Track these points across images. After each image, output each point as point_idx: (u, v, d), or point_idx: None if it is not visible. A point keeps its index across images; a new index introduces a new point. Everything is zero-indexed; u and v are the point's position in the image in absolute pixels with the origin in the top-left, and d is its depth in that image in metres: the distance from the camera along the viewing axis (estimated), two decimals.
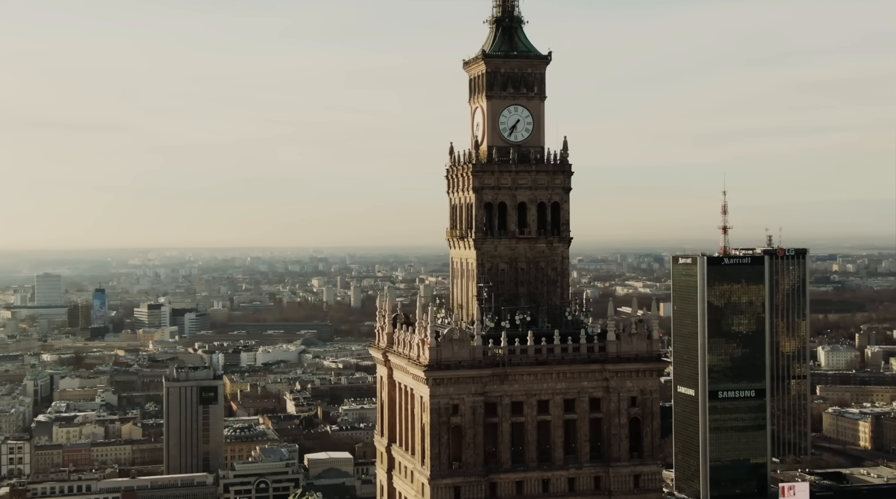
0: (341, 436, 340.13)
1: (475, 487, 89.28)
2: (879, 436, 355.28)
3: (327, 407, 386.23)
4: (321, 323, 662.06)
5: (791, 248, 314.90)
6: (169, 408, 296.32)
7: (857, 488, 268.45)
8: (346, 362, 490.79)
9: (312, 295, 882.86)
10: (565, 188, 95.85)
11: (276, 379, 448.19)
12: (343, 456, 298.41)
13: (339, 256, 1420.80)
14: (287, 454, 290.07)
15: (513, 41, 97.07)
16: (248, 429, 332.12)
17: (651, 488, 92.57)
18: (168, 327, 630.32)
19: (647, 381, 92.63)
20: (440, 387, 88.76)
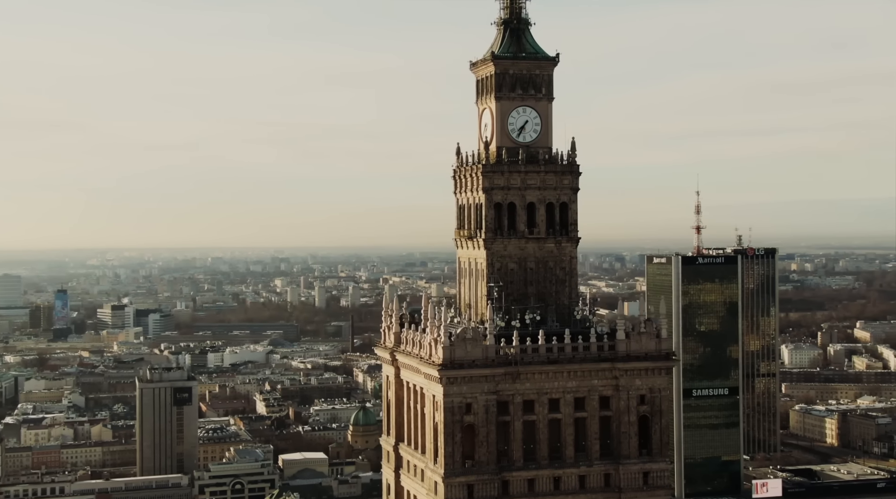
0: (314, 436, 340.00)
1: (488, 485, 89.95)
2: (846, 433, 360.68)
3: (298, 408, 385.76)
4: (287, 324, 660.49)
5: (761, 247, 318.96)
6: (143, 409, 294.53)
7: (828, 485, 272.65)
8: (314, 363, 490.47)
9: (276, 295, 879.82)
10: (573, 188, 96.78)
11: (244, 380, 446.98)
12: (317, 456, 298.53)
13: (300, 257, 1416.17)
14: (262, 455, 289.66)
15: (521, 43, 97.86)
16: (221, 430, 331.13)
17: (660, 484, 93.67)
18: (132, 328, 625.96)
19: (657, 379, 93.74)
20: (453, 386, 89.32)
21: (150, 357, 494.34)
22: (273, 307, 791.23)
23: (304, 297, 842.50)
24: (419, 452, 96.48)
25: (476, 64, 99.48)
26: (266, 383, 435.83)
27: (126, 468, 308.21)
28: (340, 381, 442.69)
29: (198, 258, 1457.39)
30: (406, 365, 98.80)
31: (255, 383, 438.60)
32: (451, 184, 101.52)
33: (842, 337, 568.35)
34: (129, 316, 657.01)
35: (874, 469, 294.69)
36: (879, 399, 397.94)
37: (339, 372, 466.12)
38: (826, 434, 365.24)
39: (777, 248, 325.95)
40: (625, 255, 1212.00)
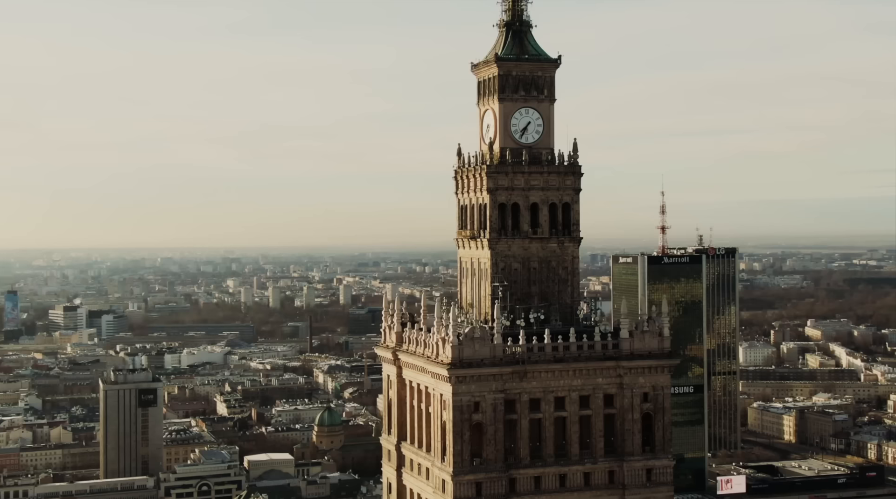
0: (278, 437, 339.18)
1: (496, 482, 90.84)
2: (803, 429, 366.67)
3: (260, 409, 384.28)
4: (243, 324, 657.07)
5: (721, 247, 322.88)
6: (107, 411, 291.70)
7: (790, 481, 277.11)
8: (273, 364, 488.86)
9: (229, 296, 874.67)
10: (575, 189, 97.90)
11: (203, 381, 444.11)
12: (284, 457, 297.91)
13: (251, 257, 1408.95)
14: (228, 456, 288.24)
15: (523, 45, 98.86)
16: (185, 431, 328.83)
17: (663, 481, 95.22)
18: (85, 330, 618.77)
19: (659, 377, 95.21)
20: (462, 385, 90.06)
21: (106, 359, 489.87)
22: (227, 308, 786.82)
23: (258, 297, 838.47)
24: (424, 450, 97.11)
25: (478, 65, 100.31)
26: (226, 384, 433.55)
27: (88, 471, 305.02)
28: (301, 382, 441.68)
29: (147, 259, 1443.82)
30: (409, 364, 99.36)
31: (215, 384, 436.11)
32: (453, 184, 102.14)
33: (794, 335, 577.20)
34: (82, 317, 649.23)
35: (834, 465, 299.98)
36: (834, 396, 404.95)
37: (298, 373, 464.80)
38: (784, 431, 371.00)
39: (737, 247, 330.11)
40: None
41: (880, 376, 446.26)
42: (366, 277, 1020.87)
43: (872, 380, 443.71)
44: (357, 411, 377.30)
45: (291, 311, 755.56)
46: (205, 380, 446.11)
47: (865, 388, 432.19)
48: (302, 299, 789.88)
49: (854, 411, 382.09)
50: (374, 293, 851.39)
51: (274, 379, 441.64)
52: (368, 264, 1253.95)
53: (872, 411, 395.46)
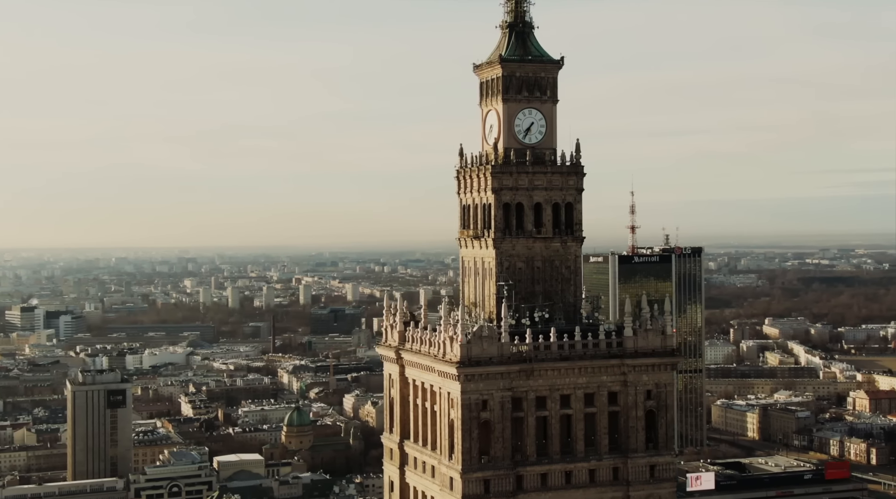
0: (246, 438, 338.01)
1: (503, 480, 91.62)
2: (766, 426, 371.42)
3: (226, 409, 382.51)
4: (203, 325, 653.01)
5: (687, 246, 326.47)
6: (75, 412, 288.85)
7: (758, 477, 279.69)
8: (236, 364, 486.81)
9: (187, 296, 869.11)
10: (578, 189, 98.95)
11: (166, 382, 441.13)
12: (253, 458, 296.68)
13: (207, 257, 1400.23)
14: (198, 457, 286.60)
15: (526, 46, 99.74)
16: (152, 432, 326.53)
17: (666, 477, 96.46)
18: (43, 330, 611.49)
19: (662, 374, 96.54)
20: (471, 383, 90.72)
21: (66, 360, 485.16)
22: (186, 308, 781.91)
23: (217, 297, 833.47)
24: (429, 448, 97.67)
25: (480, 66, 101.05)
26: (190, 384, 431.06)
27: (55, 473, 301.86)
28: (266, 382, 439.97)
29: (101, 259, 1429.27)
30: (414, 363, 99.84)
31: (179, 385, 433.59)
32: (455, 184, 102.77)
33: (752, 334, 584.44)
34: (40, 318, 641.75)
35: (800, 461, 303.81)
36: (795, 393, 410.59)
37: (262, 373, 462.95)
38: (748, 428, 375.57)
39: (703, 247, 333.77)
40: None
41: (839, 373, 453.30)
42: (325, 276, 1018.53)
43: (831, 377, 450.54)
44: (324, 411, 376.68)
45: (251, 311, 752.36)
46: (168, 381, 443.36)
47: (825, 385, 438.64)
48: (261, 299, 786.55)
49: (815, 408, 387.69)
50: (333, 293, 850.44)
51: (238, 379, 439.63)
52: (326, 264, 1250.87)
53: (833, 407, 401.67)
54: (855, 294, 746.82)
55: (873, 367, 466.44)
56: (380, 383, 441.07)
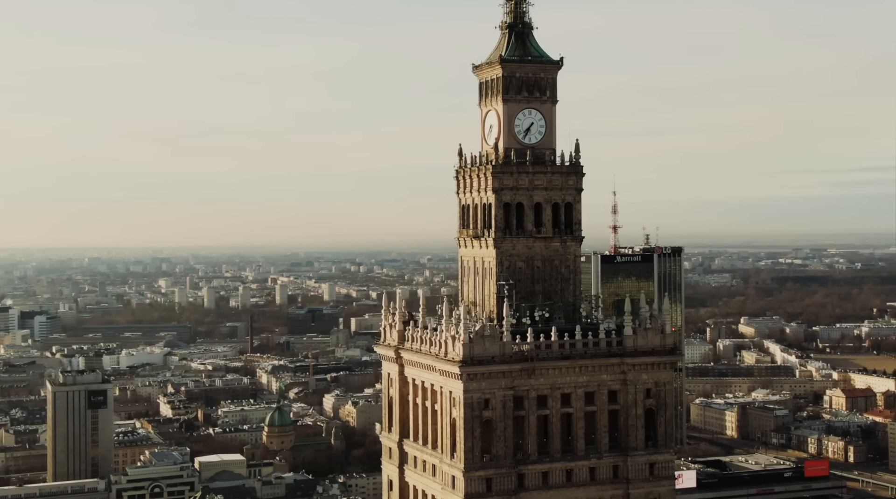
0: (227, 438, 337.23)
1: (505, 478, 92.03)
2: (745, 425, 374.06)
3: (206, 409, 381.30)
4: (179, 325, 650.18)
5: (668, 246, 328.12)
6: (55, 413, 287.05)
7: (739, 475, 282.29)
8: (214, 364, 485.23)
9: (162, 296, 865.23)
10: (577, 189, 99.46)
11: (144, 382, 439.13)
12: (235, 458, 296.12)
13: (181, 257, 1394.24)
14: (180, 458, 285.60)
15: (526, 46, 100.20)
16: (132, 433, 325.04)
17: (665, 475, 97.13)
18: (18, 331, 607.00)
19: (662, 373, 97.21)
20: (473, 382, 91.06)
21: (43, 360, 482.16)
22: (161, 308, 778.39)
23: (192, 297, 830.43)
24: (430, 447, 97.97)
25: (480, 67, 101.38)
26: (168, 385, 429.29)
27: (34, 474, 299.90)
28: (246, 382, 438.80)
29: (73, 259, 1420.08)
30: (414, 362, 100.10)
31: (157, 385, 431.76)
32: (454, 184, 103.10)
33: (728, 333, 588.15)
34: (14, 318, 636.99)
35: (779, 459, 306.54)
36: (773, 392, 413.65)
37: (241, 373, 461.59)
38: (726, 426, 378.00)
39: (683, 247, 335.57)
40: None
41: (815, 371, 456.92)
42: (300, 276, 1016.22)
43: (807, 376, 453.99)
44: (304, 411, 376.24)
45: (227, 311, 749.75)
46: (146, 381, 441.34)
47: (801, 384, 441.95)
48: (237, 299, 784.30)
49: (793, 406, 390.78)
50: (310, 293, 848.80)
51: (217, 380, 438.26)
52: (302, 264, 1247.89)
53: (810, 406, 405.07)
54: (828, 294, 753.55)
55: (849, 365, 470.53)
56: (359, 383, 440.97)
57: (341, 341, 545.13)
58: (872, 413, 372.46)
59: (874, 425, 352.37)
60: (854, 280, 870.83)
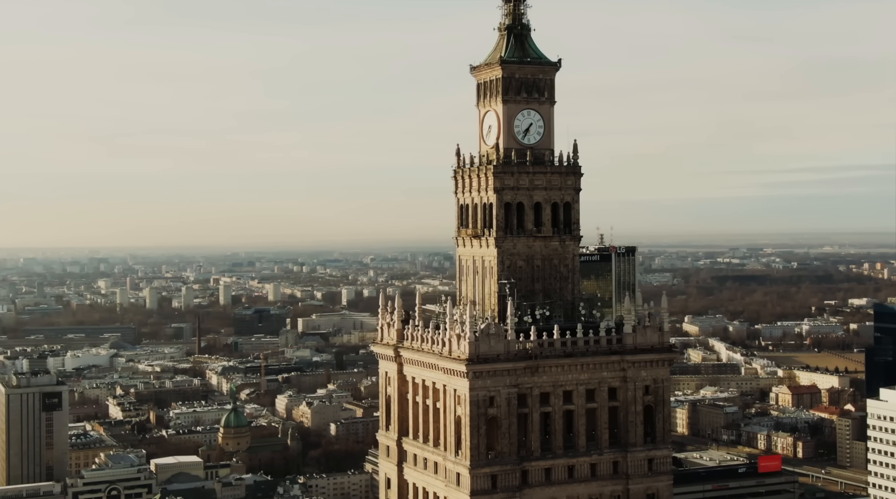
0: (181, 440, 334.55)
1: (510, 474, 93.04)
2: (696, 422, 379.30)
3: (158, 411, 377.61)
4: (123, 326, 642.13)
5: (622, 246, 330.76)
6: (9, 415, 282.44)
7: (695, 471, 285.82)
8: (162, 366, 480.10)
9: (102, 297, 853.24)
10: (576, 189, 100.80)
11: (91, 384, 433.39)
12: (192, 460, 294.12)
13: (119, 257, 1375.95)
14: (136, 460, 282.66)
15: (524, 48, 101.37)
16: (85, 436, 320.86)
17: (663, 470, 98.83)
18: None
19: (659, 370, 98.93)
20: (478, 380, 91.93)
21: None
22: (102, 309, 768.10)
23: (134, 298, 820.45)
24: (431, 445, 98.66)
25: (478, 68, 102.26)
26: (116, 387, 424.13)
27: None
28: (196, 383, 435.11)
29: (8, 259, 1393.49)
30: (415, 361, 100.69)
31: (105, 387, 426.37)
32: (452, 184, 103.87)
33: (673, 331, 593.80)
34: None
35: (731, 455, 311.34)
36: (720, 389, 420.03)
37: (190, 374, 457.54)
38: (677, 423, 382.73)
39: (636, 246, 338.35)
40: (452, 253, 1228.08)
41: (760, 369, 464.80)
42: (243, 277, 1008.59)
43: (753, 373, 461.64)
44: (258, 412, 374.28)
45: (170, 312, 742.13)
46: (93, 383, 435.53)
47: (747, 381, 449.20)
48: (180, 300, 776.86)
49: (741, 403, 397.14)
50: (254, 293, 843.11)
51: (167, 381, 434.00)
52: (243, 264, 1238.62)
53: (757, 403, 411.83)
54: (768, 292, 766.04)
55: (792, 363, 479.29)
56: (311, 383, 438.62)
57: (290, 342, 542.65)
58: (818, 409, 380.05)
59: (821, 421, 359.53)
60: (791, 279, 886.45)
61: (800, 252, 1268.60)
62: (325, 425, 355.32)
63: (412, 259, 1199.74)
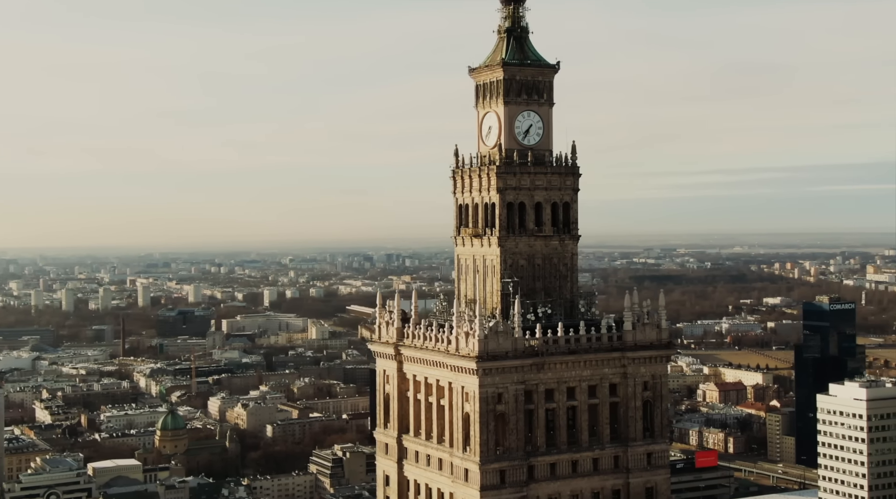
0: (115, 443, 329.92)
1: (518, 470, 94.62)
2: None
3: (89, 415, 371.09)
4: (41, 329, 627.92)
5: None
6: None
7: None
8: (87, 368, 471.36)
9: (15, 299, 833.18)
10: (574, 189, 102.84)
11: (15, 388, 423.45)
12: (130, 463, 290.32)
13: (28, 258, 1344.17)
14: (75, 464, 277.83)
15: (524, 50, 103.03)
16: (17, 440, 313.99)
17: (661, 464, 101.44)
18: None
19: (658, 366, 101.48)
20: (488, 377, 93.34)
21: None
22: (17, 312, 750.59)
23: (49, 300, 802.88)
24: (435, 442, 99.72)
25: (478, 69, 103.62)
26: (42, 390, 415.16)
27: None
28: (125, 386, 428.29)
29: None
30: (417, 359, 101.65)
31: (30, 390, 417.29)
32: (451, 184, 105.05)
33: None
34: None
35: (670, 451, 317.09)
36: None
37: (117, 377, 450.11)
38: None
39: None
40: (371, 254, 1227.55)
41: (685, 367, 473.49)
42: (160, 278, 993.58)
43: (678, 371, 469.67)
44: (191, 414, 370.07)
45: (88, 314, 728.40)
46: (16, 387, 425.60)
47: (674, 378, 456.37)
48: (97, 302, 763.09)
49: (670, 400, 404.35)
50: (173, 295, 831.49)
51: (94, 384, 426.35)
52: (158, 265, 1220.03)
53: (686, 400, 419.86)
54: (685, 292, 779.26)
55: (715, 360, 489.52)
56: (242, 385, 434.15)
57: (218, 344, 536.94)
58: (745, 406, 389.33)
59: (749, 417, 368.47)
60: (706, 279, 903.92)
61: (712, 252, 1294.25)
62: (262, 427, 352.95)
63: (332, 260, 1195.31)
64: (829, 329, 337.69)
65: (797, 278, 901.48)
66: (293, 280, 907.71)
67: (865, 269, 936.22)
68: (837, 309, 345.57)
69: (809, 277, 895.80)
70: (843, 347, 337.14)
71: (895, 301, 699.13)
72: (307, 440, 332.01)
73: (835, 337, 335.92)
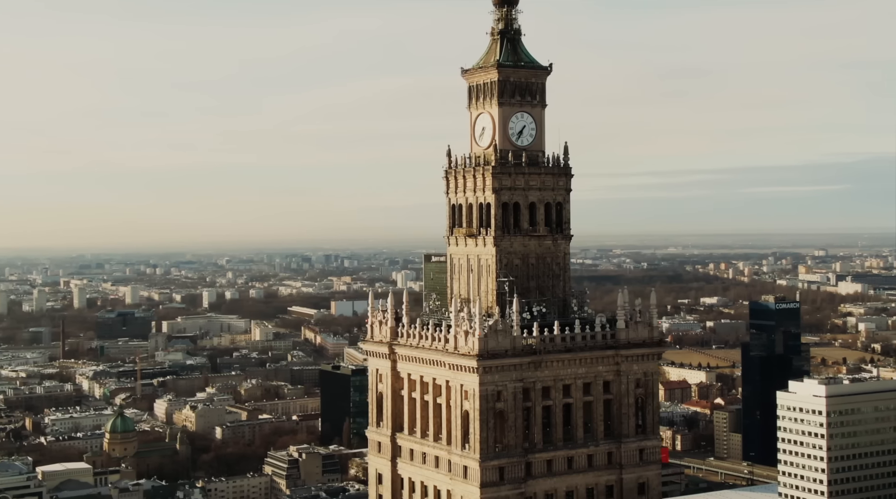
0: (62, 446, 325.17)
1: (516, 466, 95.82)
2: None
3: (34, 418, 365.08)
4: None
5: None
6: None
7: None
8: (27, 371, 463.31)
9: None
10: (567, 189, 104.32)
11: None
12: (80, 466, 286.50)
13: None
14: (24, 468, 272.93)
15: (517, 52, 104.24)
16: None
17: (653, 459, 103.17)
18: None
19: (650, 364, 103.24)
20: (488, 375, 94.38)
21: None
22: None
23: None
24: (431, 440, 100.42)
25: (471, 71, 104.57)
26: None
27: None
28: (69, 389, 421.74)
29: None
30: (412, 357, 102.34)
31: None
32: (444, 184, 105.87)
33: None
34: None
35: None
36: None
37: (59, 380, 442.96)
38: None
39: None
40: (309, 255, 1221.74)
41: None
42: (94, 279, 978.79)
43: None
44: (138, 416, 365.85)
45: (22, 315, 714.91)
46: None
47: None
48: (31, 303, 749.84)
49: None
50: (109, 296, 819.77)
51: (37, 387, 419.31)
52: (91, 266, 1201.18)
53: None
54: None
55: None
56: (187, 387, 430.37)
57: (160, 345, 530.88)
58: (690, 404, 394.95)
59: (696, 415, 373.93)
60: (644, 279, 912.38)
61: (647, 253, 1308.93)
62: (211, 429, 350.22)
63: (269, 260, 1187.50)
64: (775, 328, 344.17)
65: (731, 279, 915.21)
66: (231, 281, 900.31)
67: (797, 269, 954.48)
68: (783, 308, 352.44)
69: (743, 278, 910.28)
70: (788, 345, 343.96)
71: (828, 301, 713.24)
72: (258, 442, 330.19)
73: (780, 336, 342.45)
